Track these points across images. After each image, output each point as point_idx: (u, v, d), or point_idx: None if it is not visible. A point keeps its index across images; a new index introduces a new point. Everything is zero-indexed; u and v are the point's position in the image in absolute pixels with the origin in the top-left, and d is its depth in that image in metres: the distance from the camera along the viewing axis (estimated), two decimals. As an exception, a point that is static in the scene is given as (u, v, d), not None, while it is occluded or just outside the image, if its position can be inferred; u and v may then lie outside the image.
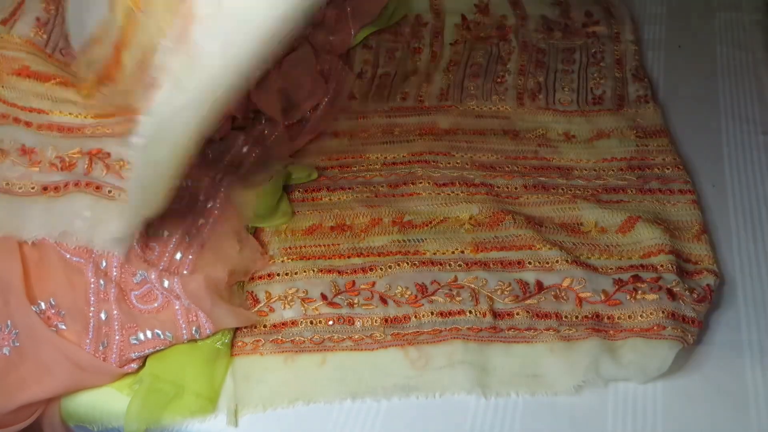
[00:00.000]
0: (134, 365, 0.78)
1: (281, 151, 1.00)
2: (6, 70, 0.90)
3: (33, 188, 0.82)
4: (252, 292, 0.84)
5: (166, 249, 0.82)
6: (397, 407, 0.77)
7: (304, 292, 0.84)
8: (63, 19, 0.97)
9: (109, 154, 0.85)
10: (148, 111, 0.65)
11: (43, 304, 0.79)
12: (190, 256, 0.81)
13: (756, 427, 0.73)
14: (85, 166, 0.84)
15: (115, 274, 0.79)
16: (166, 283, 0.78)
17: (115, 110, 0.87)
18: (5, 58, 0.90)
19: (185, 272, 0.80)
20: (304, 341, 0.81)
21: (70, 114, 0.89)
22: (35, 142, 0.85)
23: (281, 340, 0.81)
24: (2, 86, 0.89)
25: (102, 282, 0.79)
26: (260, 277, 0.87)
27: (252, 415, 0.76)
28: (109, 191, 0.82)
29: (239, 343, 0.81)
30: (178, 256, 0.80)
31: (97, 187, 0.82)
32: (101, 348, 0.77)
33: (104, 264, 0.79)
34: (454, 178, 0.98)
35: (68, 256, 0.80)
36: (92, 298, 0.79)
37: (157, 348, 0.78)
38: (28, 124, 0.87)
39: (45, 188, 0.82)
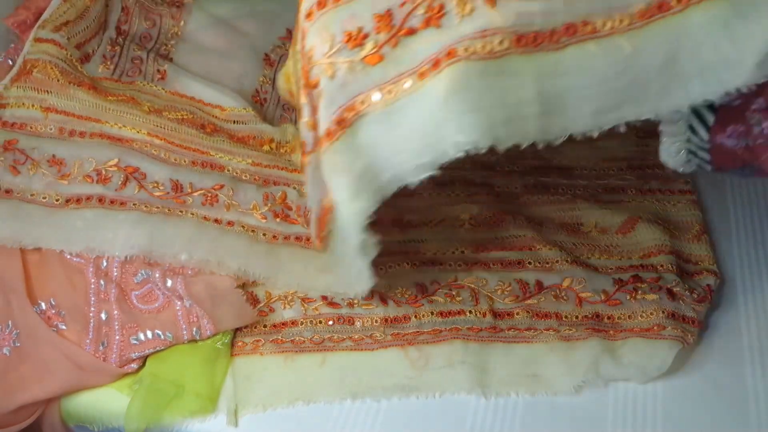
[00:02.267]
0: (134, 365, 0.78)
1: None
2: (68, 79, 0.90)
3: (57, 200, 0.82)
4: (252, 292, 0.83)
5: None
6: (397, 407, 0.77)
7: (304, 292, 0.84)
8: (128, 48, 1.03)
9: (145, 175, 0.85)
10: None
11: (43, 304, 0.79)
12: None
13: (756, 427, 0.72)
14: (120, 182, 0.84)
15: (115, 274, 0.80)
16: (169, 283, 0.78)
17: None
18: (65, 72, 0.91)
19: (189, 273, 0.80)
20: (304, 341, 0.81)
21: (124, 126, 0.88)
22: (67, 154, 0.85)
23: (281, 340, 0.81)
24: (59, 96, 0.89)
25: (102, 282, 0.79)
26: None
27: (252, 415, 0.76)
28: (134, 204, 0.82)
29: (239, 343, 0.81)
30: (184, 257, 0.80)
31: (122, 203, 0.82)
32: (101, 348, 0.77)
33: (105, 264, 0.80)
34: (454, 177, 0.98)
35: (68, 256, 0.80)
36: (92, 298, 0.79)
37: (158, 348, 0.78)
38: (71, 133, 0.87)
39: (68, 200, 0.82)
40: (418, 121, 0.57)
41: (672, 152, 0.63)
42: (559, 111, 0.56)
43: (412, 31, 0.56)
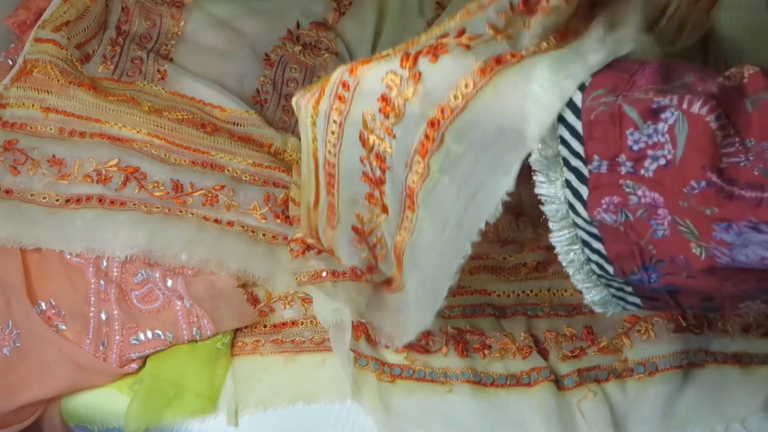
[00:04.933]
0: (134, 365, 0.78)
1: None
2: (69, 79, 0.90)
3: (57, 200, 0.82)
4: (252, 292, 0.83)
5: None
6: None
7: (304, 292, 0.84)
8: (128, 48, 1.03)
9: (145, 175, 0.85)
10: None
11: (43, 304, 0.79)
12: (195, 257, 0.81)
13: None
14: (120, 182, 0.84)
15: (115, 274, 0.79)
16: (169, 283, 0.78)
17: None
18: (65, 72, 0.91)
19: (189, 273, 0.80)
20: (304, 341, 0.81)
21: (124, 126, 0.88)
22: (67, 154, 0.85)
23: (281, 341, 0.81)
24: (59, 96, 0.89)
25: (102, 282, 0.79)
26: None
27: (252, 415, 0.76)
28: (134, 204, 0.82)
29: (239, 343, 0.81)
30: (184, 257, 0.80)
31: (122, 203, 0.82)
32: (101, 348, 0.77)
33: (105, 264, 0.80)
34: None
35: (68, 256, 0.80)
36: (93, 299, 0.79)
37: (158, 348, 0.78)
38: (71, 133, 0.87)
39: (68, 200, 0.82)
40: None
41: (564, 243, 0.55)
42: None
43: None
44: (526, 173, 0.55)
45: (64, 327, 0.78)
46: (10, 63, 0.96)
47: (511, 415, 0.73)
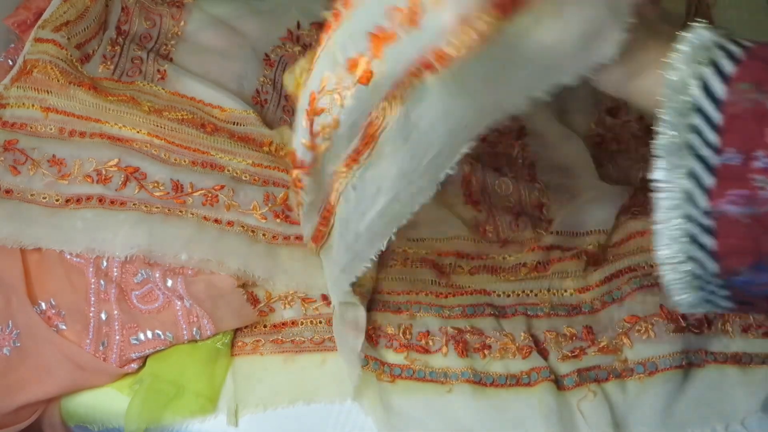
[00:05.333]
0: (134, 365, 0.78)
1: None
2: (69, 79, 0.90)
3: (57, 200, 0.82)
4: (252, 292, 0.83)
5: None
6: (397, 407, 0.77)
7: (304, 292, 0.84)
8: (128, 48, 1.03)
9: (145, 175, 0.85)
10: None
11: (43, 304, 0.79)
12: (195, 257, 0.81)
13: None
14: (120, 182, 0.83)
15: (115, 274, 0.79)
16: (169, 283, 0.78)
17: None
18: (65, 72, 0.91)
19: (189, 273, 0.80)
20: (304, 341, 0.81)
21: (124, 126, 0.88)
22: (67, 154, 0.85)
23: (281, 340, 0.81)
24: (59, 96, 0.89)
25: (102, 282, 0.79)
26: (260, 277, 0.87)
27: (252, 415, 0.76)
28: (134, 204, 0.82)
29: (239, 343, 0.81)
30: (184, 257, 0.80)
31: (122, 203, 0.82)
32: (101, 348, 0.77)
33: (105, 264, 0.80)
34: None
35: (68, 256, 0.80)
36: (93, 298, 0.79)
37: (158, 348, 0.78)
38: (72, 133, 0.87)
39: (68, 200, 0.82)
40: None
41: (669, 236, 0.51)
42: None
43: None
44: (527, 172, 0.55)
45: (64, 327, 0.78)
46: (10, 63, 0.96)
47: (511, 415, 0.73)
